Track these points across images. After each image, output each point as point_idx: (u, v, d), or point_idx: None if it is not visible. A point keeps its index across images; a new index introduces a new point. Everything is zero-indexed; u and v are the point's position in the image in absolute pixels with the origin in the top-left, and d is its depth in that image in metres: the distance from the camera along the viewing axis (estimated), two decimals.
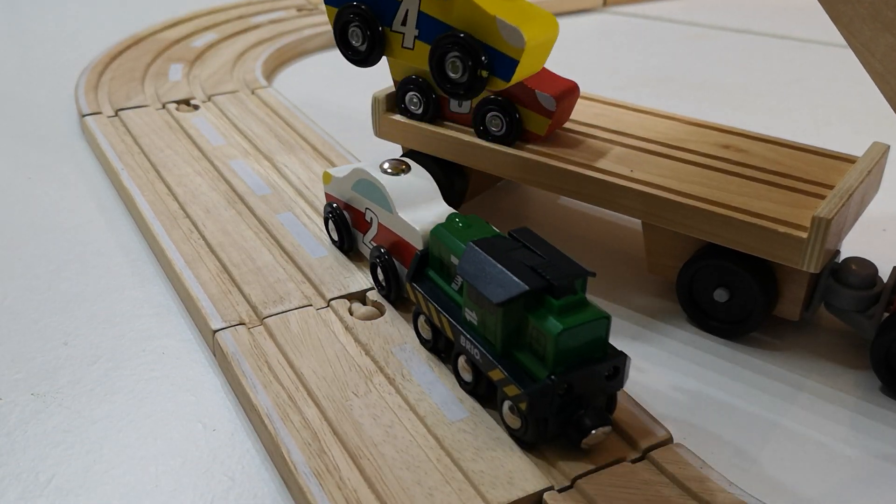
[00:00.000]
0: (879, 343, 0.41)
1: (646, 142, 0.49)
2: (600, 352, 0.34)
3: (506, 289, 0.34)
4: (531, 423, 0.34)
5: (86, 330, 0.45)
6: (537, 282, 0.34)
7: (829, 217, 0.39)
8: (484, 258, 0.35)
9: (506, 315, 0.34)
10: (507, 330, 0.35)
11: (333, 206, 0.47)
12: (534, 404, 0.33)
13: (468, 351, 0.37)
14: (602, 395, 0.35)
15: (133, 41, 0.81)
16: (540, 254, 0.36)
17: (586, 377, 0.34)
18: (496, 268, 0.35)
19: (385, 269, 0.43)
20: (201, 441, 0.38)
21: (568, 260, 0.36)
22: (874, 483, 0.36)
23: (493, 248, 0.36)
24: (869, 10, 0.35)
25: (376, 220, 0.44)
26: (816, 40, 0.91)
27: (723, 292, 0.43)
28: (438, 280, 0.39)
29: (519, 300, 0.34)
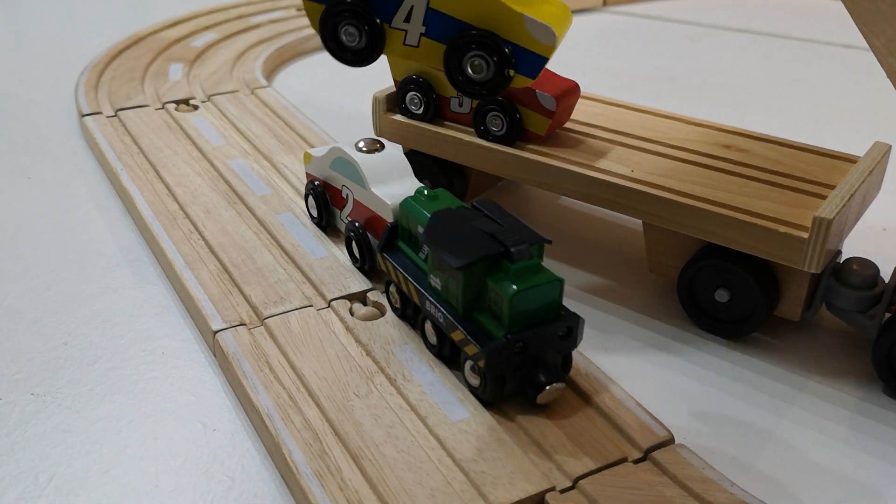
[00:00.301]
0: (881, 344, 0.40)
1: (646, 142, 0.49)
2: (554, 313, 0.36)
3: (466, 254, 0.36)
4: (489, 380, 0.36)
5: (86, 330, 0.45)
6: (495, 247, 0.36)
7: (830, 217, 0.38)
8: (446, 226, 0.38)
9: (466, 279, 0.36)
10: (467, 293, 0.37)
11: (315, 183, 0.50)
12: (491, 361, 0.36)
13: (433, 315, 0.39)
14: (557, 355, 0.37)
15: (133, 41, 0.80)
16: (500, 222, 0.38)
17: (540, 336, 0.36)
18: (457, 235, 0.37)
19: (359, 243, 0.46)
20: (201, 441, 0.38)
21: (525, 228, 0.37)
22: (876, 484, 0.36)
23: (456, 218, 0.38)
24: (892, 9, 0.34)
25: (351, 196, 0.47)
26: (817, 40, 0.91)
27: (723, 292, 0.43)
28: (407, 250, 0.41)
29: (478, 265, 0.36)
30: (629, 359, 0.43)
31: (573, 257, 0.52)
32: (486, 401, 0.37)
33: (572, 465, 0.34)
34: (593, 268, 0.51)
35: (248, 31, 0.85)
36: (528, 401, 0.37)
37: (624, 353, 0.44)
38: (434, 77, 0.50)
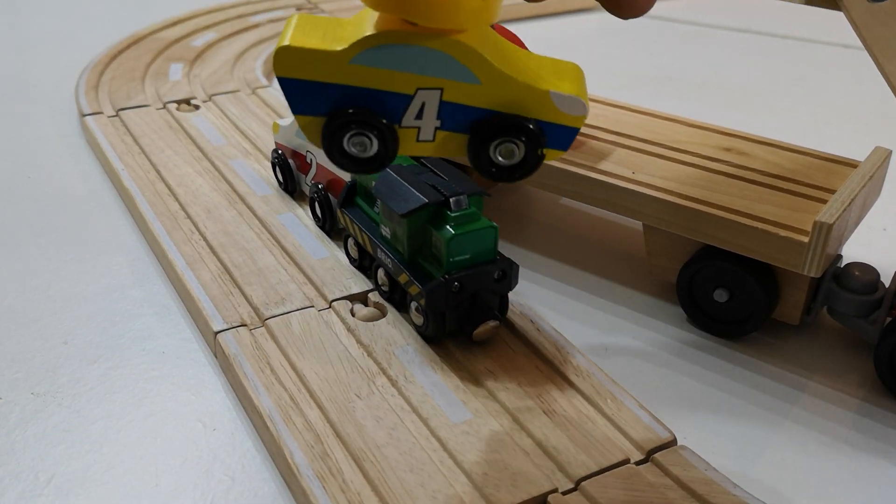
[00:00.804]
0: (883, 348, 0.41)
1: (647, 144, 0.49)
2: (490, 257, 0.40)
3: (410, 202, 0.40)
4: (430, 317, 0.40)
5: (86, 329, 0.44)
6: (436, 196, 0.40)
7: (830, 222, 0.38)
8: (395, 179, 0.41)
9: (410, 225, 0.40)
10: (411, 239, 0.41)
11: (279, 152, 0.54)
12: (430, 299, 0.39)
13: (384, 262, 0.43)
14: (493, 296, 0.41)
15: (133, 40, 0.80)
16: (444, 177, 0.42)
17: (476, 277, 0.40)
18: (404, 187, 0.41)
19: (321, 204, 0.50)
20: (201, 441, 0.38)
21: (466, 181, 0.41)
22: (878, 484, 0.36)
23: (404, 172, 0.42)
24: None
25: (315, 161, 0.51)
26: (817, 40, 0.91)
27: (722, 293, 0.43)
28: (364, 205, 0.46)
29: (420, 212, 0.40)
30: (630, 360, 0.43)
31: (573, 258, 0.52)
32: (429, 337, 0.41)
33: (574, 466, 0.34)
34: (593, 268, 0.51)
35: (248, 30, 0.85)
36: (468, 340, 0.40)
37: (625, 354, 0.44)
38: None
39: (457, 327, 0.41)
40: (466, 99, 0.31)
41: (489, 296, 0.41)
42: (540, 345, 0.41)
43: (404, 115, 0.31)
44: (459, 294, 0.40)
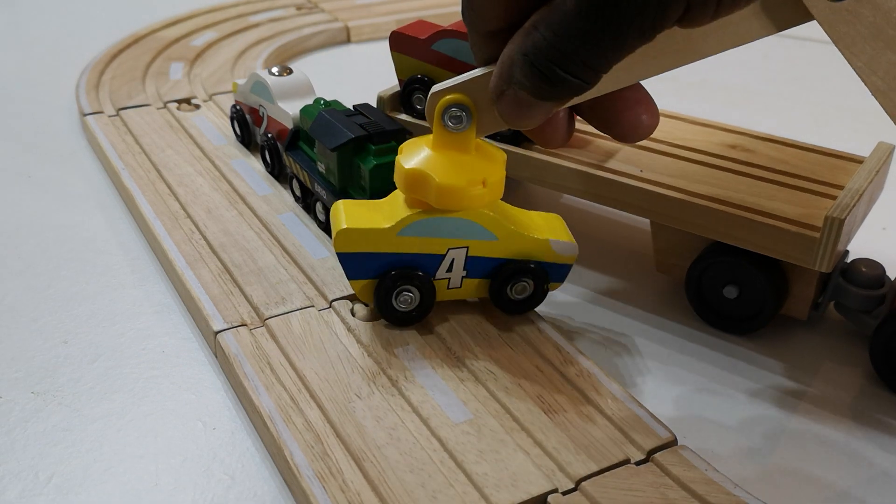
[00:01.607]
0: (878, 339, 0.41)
1: (653, 142, 0.49)
2: None
3: (339, 138, 0.46)
4: None
5: (86, 328, 0.44)
6: (360, 132, 0.46)
7: (841, 217, 0.39)
8: (328, 121, 0.47)
9: (339, 158, 0.46)
10: (341, 171, 0.47)
11: (237, 108, 0.60)
12: None
13: (320, 195, 0.49)
14: None
15: (133, 40, 0.80)
16: (369, 117, 0.48)
17: None
18: (335, 126, 0.47)
19: (270, 151, 0.56)
20: (201, 440, 0.37)
21: (390, 121, 0.47)
22: (880, 484, 0.36)
23: (336, 115, 0.48)
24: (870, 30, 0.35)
25: (266, 113, 0.56)
26: (817, 39, 0.91)
27: (732, 289, 0.43)
28: (305, 148, 0.52)
29: (348, 146, 0.46)
30: (631, 359, 0.43)
31: (578, 256, 0.51)
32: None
33: (574, 466, 0.34)
34: (597, 267, 0.51)
35: (248, 29, 0.85)
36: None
37: (626, 353, 0.44)
38: (440, 76, 0.50)
39: None
40: (487, 252, 0.41)
41: None
42: (540, 344, 0.41)
43: (437, 270, 0.41)
44: None
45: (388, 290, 0.40)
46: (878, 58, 0.35)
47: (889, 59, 0.35)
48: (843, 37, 0.36)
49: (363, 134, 0.46)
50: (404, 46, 0.51)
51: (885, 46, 0.35)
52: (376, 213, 0.40)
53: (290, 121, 0.53)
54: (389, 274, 0.40)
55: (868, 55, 0.35)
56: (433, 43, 0.50)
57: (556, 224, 0.43)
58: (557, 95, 0.30)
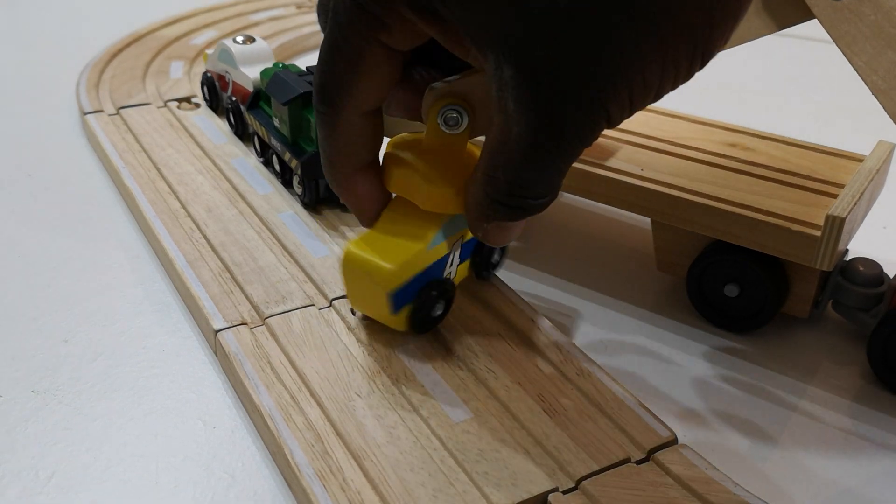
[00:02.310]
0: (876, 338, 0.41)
1: (653, 140, 0.49)
2: None
3: (289, 94, 0.51)
4: (306, 184, 0.51)
5: (86, 327, 0.44)
6: (308, 88, 0.50)
7: (843, 216, 0.39)
8: (281, 79, 0.53)
9: (290, 112, 0.51)
10: (292, 123, 0.51)
11: (207, 75, 0.65)
12: (305, 167, 0.50)
13: (276, 148, 0.54)
14: None
15: (133, 39, 0.80)
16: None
17: None
18: (287, 83, 0.52)
19: (234, 112, 0.61)
20: (201, 439, 0.37)
21: None
22: (880, 483, 0.36)
23: (289, 74, 0.53)
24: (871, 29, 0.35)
25: (231, 79, 0.61)
26: (817, 38, 0.91)
27: (733, 287, 0.44)
28: (264, 107, 0.57)
29: (297, 100, 0.51)
30: (632, 357, 0.43)
31: (574, 255, 0.51)
32: (307, 204, 0.51)
33: (575, 465, 0.34)
34: (598, 265, 0.51)
35: (248, 28, 0.85)
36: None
37: (627, 352, 0.44)
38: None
39: (328, 195, 0.51)
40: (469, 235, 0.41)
41: None
42: (541, 343, 0.41)
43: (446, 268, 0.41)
44: None
45: (429, 305, 0.40)
46: (878, 57, 0.35)
47: (890, 58, 0.35)
48: (843, 35, 0.36)
49: (310, 89, 0.50)
50: None
51: (885, 45, 0.35)
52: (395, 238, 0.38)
53: (251, 84, 0.58)
54: (428, 292, 0.39)
55: (869, 54, 0.35)
56: None
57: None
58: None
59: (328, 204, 0.52)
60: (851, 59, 0.36)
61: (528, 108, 0.29)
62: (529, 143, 0.29)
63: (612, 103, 0.28)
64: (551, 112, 0.28)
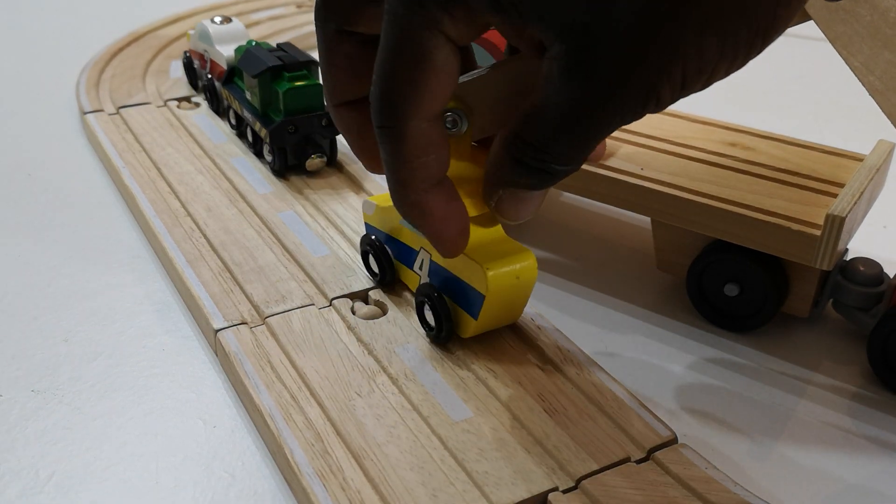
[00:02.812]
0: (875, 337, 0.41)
1: (652, 140, 0.49)
2: (318, 108, 0.55)
3: (258, 66, 0.55)
4: (275, 152, 0.54)
5: (86, 327, 0.44)
6: (277, 62, 0.55)
7: (842, 215, 0.39)
8: (252, 54, 0.57)
9: (260, 84, 0.55)
10: (262, 95, 0.55)
11: (187, 55, 0.68)
12: (273, 136, 0.54)
13: (248, 120, 0.57)
14: (324, 139, 0.56)
15: (133, 38, 0.80)
16: (287, 52, 0.57)
17: (307, 122, 0.55)
18: (258, 58, 0.56)
19: (210, 90, 0.64)
20: (202, 438, 0.37)
21: (304, 55, 0.56)
22: (880, 482, 0.36)
23: (260, 50, 0.57)
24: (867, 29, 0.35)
25: (209, 57, 0.64)
26: (817, 37, 0.91)
27: (733, 287, 0.44)
28: (238, 83, 0.60)
29: (266, 73, 0.55)
30: (632, 357, 0.43)
31: (574, 255, 0.51)
32: (275, 171, 0.55)
33: (575, 465, 0.34)
34: (598, 265, 0.51)
35: (248, 27, 0.85)
36: (304, 172, 0.55)
37: (627, 351, 0.44)
38: None
39: (295, 162, 0.55)
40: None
41: (319, 138, 0.55)
42: (541, 343, 0.41)
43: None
44: (295, 134, 0.54)
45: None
46: (875, 57, 0.35)
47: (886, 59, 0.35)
48: (840, 36, 0.36)
49: (279, 63, 0.54)
50: None
51: (882, 46, 0.35)
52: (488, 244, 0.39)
53: (225, 61, 0.61)
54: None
55: (865, 55, 0.35)
56: None
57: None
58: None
59: (295, 171, 0.56)
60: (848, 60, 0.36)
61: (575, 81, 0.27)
62: (569, 113, 0.28)
63: (664, 86, 0.27)
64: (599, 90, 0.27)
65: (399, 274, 0.44)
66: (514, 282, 0.38)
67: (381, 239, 0.44)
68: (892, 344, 0.40)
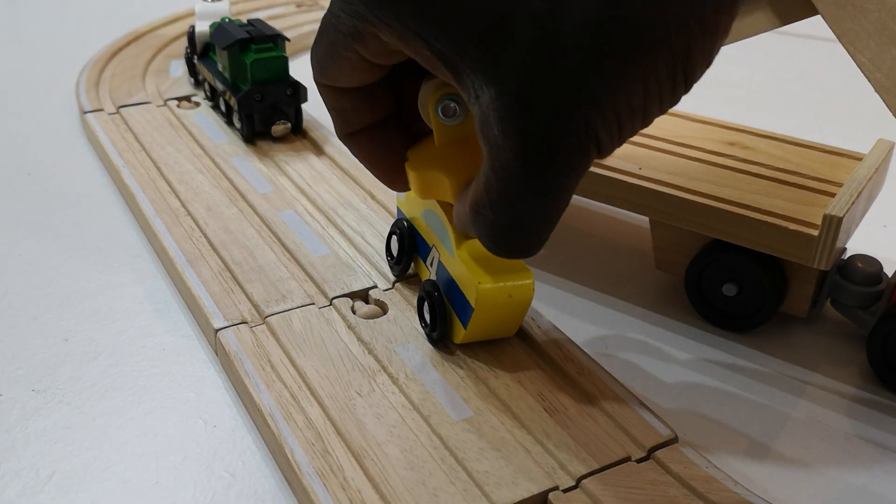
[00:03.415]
0: (875, 336, 0.41)
1: (651, 139, 0.49)
2: (284, 77, 0.60)
3: (228, 39, 0.59)
4: (243, 119, 0.59)
5: (86, 326, 0.44)
6: (245, 35, 0.59)
7: (840, 215, 0.39)
8: (224, 29, 0.61)
9: (229, 56, 0.59)
10: (231, 66, 0.60)
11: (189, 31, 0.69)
12: (241, 103, 0.59)
13: (220, 90, 0.62)
14: (289, 107, 0.60)
15: (133, 37, 0.80)
16: (256, 27, 0.61)
17: (273, 90, 0.59)
18: (228, 32, 0.60)
19: (189, 63, 0.69)
20: (202, 438, 0.37)
21: (272, 29, 0.61)
22: (879, 480, 0.36)
23: (231, 25, 0.61)
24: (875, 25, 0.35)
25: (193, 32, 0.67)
26: (817, 36, 0.91)
27: (732, 287, 0.44)
28: (213, 56, 0.64)
29: (235, 46, 0.59)
30: (632, 356, 0.43)
31: (574, 254, 0.51)
32: (245, 137, 0.60)
33: (575, 464, 0.34)
34: (597, 264, 0.51)
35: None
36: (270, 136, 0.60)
37: (627, 351, 0.44)
38: None
39: (262, 129, 0.60)
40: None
41: (285, 106, 0.60)
42: (541, 342, 0.41)
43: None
44: (261, 102, 0.59)
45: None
46: (882, 54, 0.35)
47: (894, 55, 0.35)
48: (847, 32, 0.36)
49: (247, 37, 0.59)
50: None
51: (889, 42, 0.35)
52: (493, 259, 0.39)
53: (206, 37, 0.65)
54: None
55: (872, 51, 0.35)
56: None
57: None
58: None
59: (263, 137, 0.61)
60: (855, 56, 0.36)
61: (515, 134, 0.28)
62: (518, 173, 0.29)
63: (601, 129, 0.28)
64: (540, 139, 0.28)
65: (414, 264, 0.45)
66: (507, 300, 0.38)
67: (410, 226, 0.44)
68: (891, 343, 0.40)
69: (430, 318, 0.40)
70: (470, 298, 0.38)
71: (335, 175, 0.57)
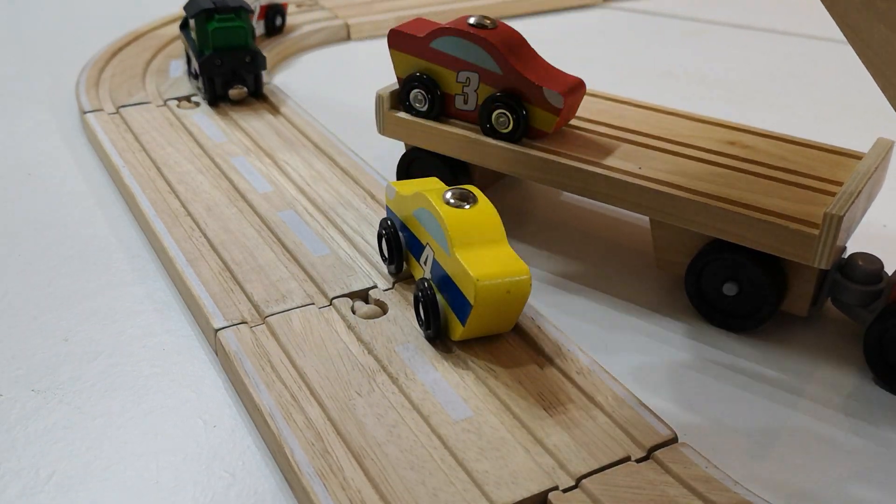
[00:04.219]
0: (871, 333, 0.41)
1: (652, 138, 0.49)
2: (243, 46, 0.66)
3: (195, 9, 0.65)
4: (204, 81, 0.65)
5: (86, 326, 0.44)
6: (210, 6, 0.65)
7: (840, 214, 0.39)
8: (194, 2, 0.66)
9: (197, 24, 0.65)
10: (199, 34, 0.65)
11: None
12: (202, 67, 0.65)
13: (192, 57, 0.67)
14: (248, 74, 0.67)
15: (133, 37, 0.80)
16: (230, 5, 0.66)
17: (232, 57, 0.65)
18: (196, 3, 0.66)
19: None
20: (202, 437, 0.38)
21: (238, 2, 0.66)
22: (878, 480, 0.36)
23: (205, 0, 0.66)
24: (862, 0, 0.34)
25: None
26: (817, 36, 0.91)
27: (732, 286, 0.43)
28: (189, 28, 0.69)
29: (201, 15, 0.65)
30: (633, 356, 0.43)
31: (574, 254, 0.51)
32: (208, 101, 0.66)
33: (575, 464, 0.34)
34: (597, 264, 0.51)
35: None
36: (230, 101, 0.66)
37: (627, 351, 0.44)
38: (438, 74, 0.50)
39: (223, 93, 0.66)
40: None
41: (244, 73, 0.66)
42: (541, 342, 0.41)
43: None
44: (222, 67, 0.65)
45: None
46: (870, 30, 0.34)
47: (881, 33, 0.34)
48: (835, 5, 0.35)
49: (211, 7, 0.65)
50: (403, 44, 0.51)
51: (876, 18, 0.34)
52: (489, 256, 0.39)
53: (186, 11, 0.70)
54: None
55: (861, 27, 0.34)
56: (432, 41, 0.50)
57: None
58: None
59: (225, 100, 0.67)
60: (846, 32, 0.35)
61: None
62: None
63: None
64: None
65: (408, 263, 0.45)
66: (504, 295, 0.38)
67: (396, 225, 0.44)
68: (888, 340, 0.40)
69: (424, 317, 0.40)
70: (468, 295, 0.38)
71: (335, 175, 0.57)
